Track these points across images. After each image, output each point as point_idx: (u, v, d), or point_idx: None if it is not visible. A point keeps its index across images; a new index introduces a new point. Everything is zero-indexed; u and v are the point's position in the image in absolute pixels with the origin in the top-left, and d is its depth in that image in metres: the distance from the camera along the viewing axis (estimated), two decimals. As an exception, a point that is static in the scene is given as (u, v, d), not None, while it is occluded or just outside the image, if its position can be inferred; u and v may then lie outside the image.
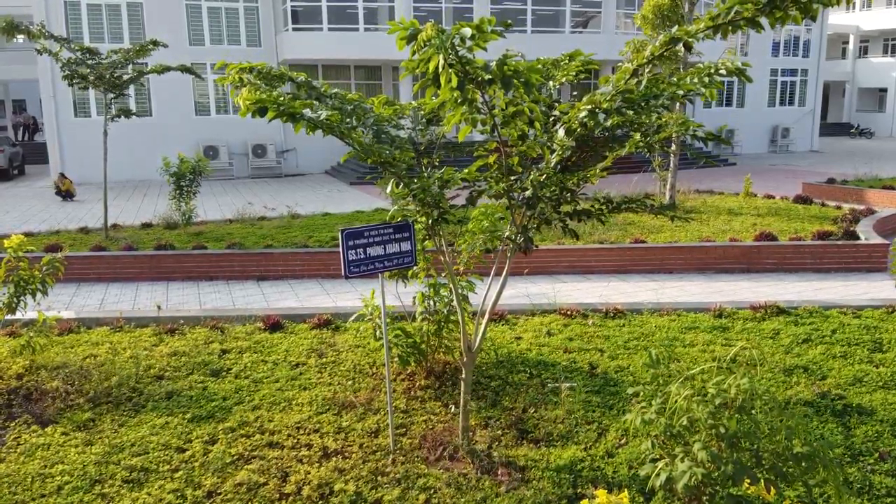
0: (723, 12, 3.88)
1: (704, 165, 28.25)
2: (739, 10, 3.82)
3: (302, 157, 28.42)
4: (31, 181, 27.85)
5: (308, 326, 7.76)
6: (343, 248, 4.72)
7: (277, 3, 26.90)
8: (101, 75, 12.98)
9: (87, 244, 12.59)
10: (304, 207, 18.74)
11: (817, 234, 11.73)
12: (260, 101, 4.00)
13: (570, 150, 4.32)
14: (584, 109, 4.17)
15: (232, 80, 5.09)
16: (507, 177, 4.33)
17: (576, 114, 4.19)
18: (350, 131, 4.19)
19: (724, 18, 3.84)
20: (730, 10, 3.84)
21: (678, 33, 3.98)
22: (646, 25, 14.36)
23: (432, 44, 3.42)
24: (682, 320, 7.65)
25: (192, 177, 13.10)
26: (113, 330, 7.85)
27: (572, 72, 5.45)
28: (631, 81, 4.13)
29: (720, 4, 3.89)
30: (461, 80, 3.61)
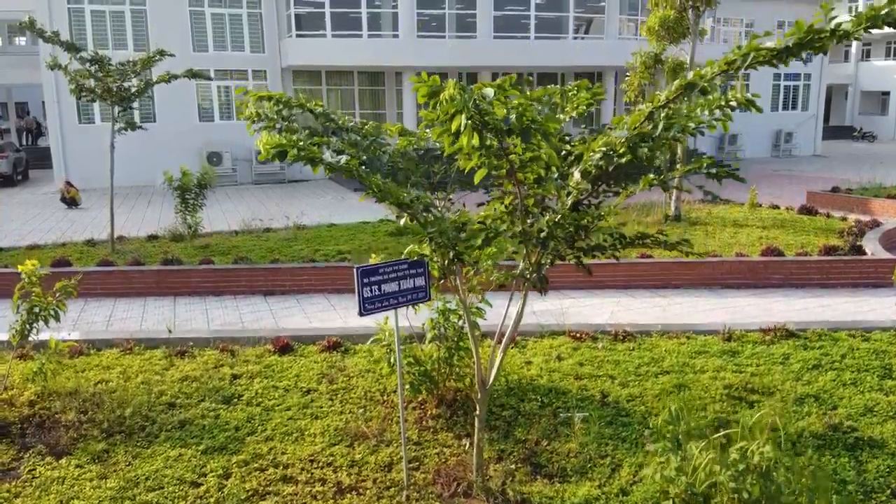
0: (739, 58, 3.89)
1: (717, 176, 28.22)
2: (756, 56, 3.84)
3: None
4: (36, 187, 27.88)
5: (317, 349, 7.77)
6: (358, 285, 4.73)
7: (281, 9, 26.90)
8: (109, 88, 12.99)
9: (93, 258, 12.61)
10: (309, 217, 18.74)
11: (823, 248, 11.74)
12: (280, 146, 4.02)
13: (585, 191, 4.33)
14: (599, 151, 4.19)
15: (250, 114, 5.10)
16: (524, 218, 4.34)
17: (590, 156, 4.20)
18: (367, 176, 4.19)
19: (741, 63, 3.85)
20: (746, 57, 3.85)
21: (693, 78, 4.00)
22: (651, 37, 14.37)
23: (454, 104, 3.42)
24: (692, 344, 7.66)
25: (197, 190, 13.10)
26: (123, 352, 7.87)
27: (583, 104, 5.45)
28: (646, 125, 4.14)
29: (736, 51, 3.90)
30: (481, 132, 3.61)
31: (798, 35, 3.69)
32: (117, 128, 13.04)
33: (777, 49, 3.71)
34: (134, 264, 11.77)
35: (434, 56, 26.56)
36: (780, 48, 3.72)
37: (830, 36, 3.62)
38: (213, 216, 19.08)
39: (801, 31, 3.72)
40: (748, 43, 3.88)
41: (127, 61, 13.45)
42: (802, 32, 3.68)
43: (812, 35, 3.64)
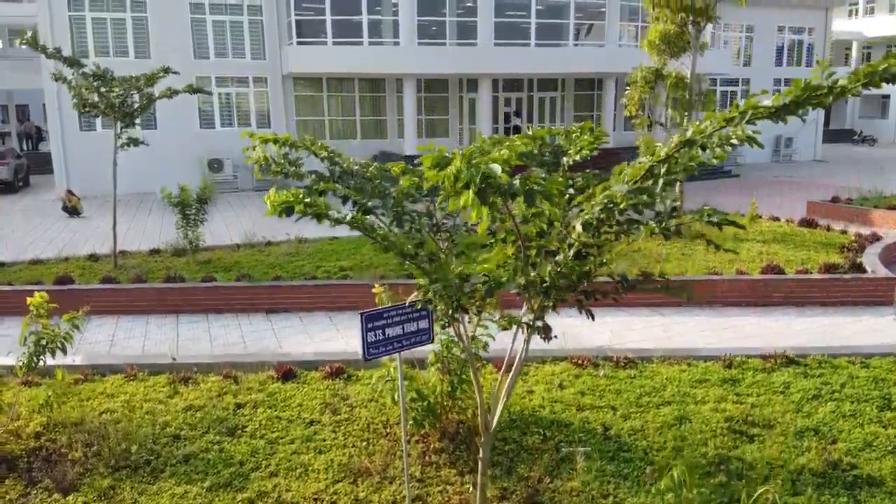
0: (737, 115, 3.94)
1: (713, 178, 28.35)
2: (754, 113, 3.88)
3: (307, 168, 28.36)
4: (37, 193, 27.92)
5: (320, 375, 7.82)
6: (362, 330, 4.78)
7: (282, 17, 26.93)
8: (112, 104, 13.02)
9: (96, 273, 12.66)
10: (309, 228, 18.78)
11: (824, 266, 11.78)
12: (286, 203, 4.06)
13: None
14: (600, 204, 4.23)
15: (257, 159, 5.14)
16: (527, 269, 4.39)
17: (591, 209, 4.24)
18: (373, 230, 4.23)
19: (739, 121, 3.90)
20: (744, 115, 3.90)
21: (693, 135, 4.03)
22: (652, 51, 14.41)
23: (461, 178, 3.46)
24: (693, 371, 7.71)
25: (197, 205, 13.14)
26: (127, 378, 7.92)
27: (586, 149, 5.49)
28: (647, 182, 4.18)
29: (735, 110, 3.94)
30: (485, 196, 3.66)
31: (796, 93, 3.73)
32: (120, 143, 13.06)
33: (775, 107, 3.75)
34: (136, 281, 11.81)
35: (435, 63, 26.62)
36: (777, 106, 3.76)
37: (828, 93, 3.66)
38: (215, 226, 19.13)
39: (798, 89, 3.75)
40: (747, 100, 3.93)
41: (130, 76, 13.48)
42: (800, 91, 3.72)
43: (809, 93, 3.68)
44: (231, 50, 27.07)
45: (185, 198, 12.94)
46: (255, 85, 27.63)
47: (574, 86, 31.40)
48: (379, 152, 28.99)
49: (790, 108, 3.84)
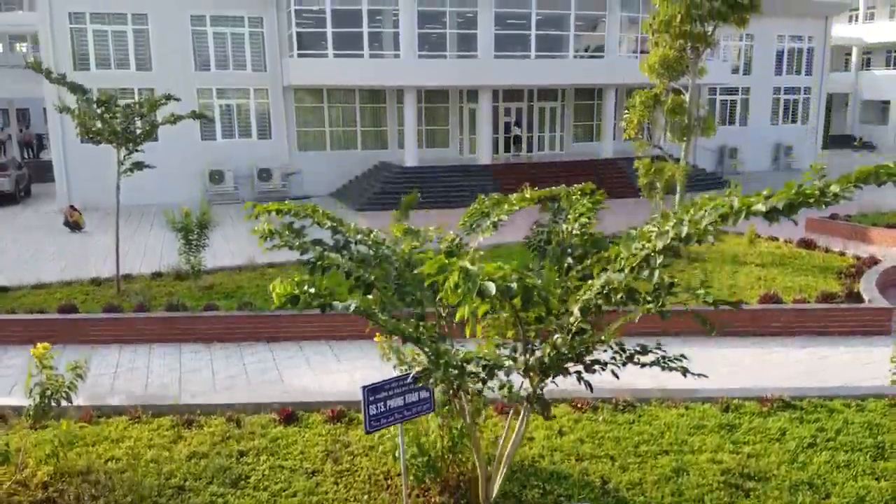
0: (731, 216, 4.02)
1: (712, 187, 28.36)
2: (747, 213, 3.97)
3: (307, 179, 28.57)
4: (38, 204, 28.02)
5: (322, 419, 7.91)
6: (364, 403, 4.87)
7: (283, 29, 27.00)
8: (115, 130, 13.10)
9: (99, 300, 12.75)
10: (311, 244, 18.90)
11: (821, 296, 11.88)
12: (291, 295, 4.16)
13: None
14: (597, 289, 4.32)
15: (262, 231, 5.23)
16: (526, 352, 4.48)
17: (589, 295, 4.33)
18: (376, 316, 4.33)
19: (733, 221, 3.99)
20: (738, 214, 3.98)
21: (689, 228, 4.12)
22: (651, 74, 14.48)
23: (458, 292, 3.55)
24: (690, 415, 7.80)
25: (199, 230, 13.23)
26: (131, 420, 8.01)
27: (586, 215, 5.58)
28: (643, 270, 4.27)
29: (729, 208, 4.02)
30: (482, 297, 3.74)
31: (787, 197, 3.81)
32: (123, 170, 13.14)
33: (767, 209, 3.84)
34: (139, 309, 11.91)
35: (435, 75, 26.71)
36: (769, 208, 3.84)
37: (819, 197, 3.74)
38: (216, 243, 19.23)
39: (789, 191, 3.84)
40: (740, 200, 4.01)
41: (133, 102, 13.55)
42: (792, 194, 3.80)
43: (801, 198, 3.77)
44: (232, 62, 27.16)
45: (188, 223, 13.03)
46: (256, 96, 27.72)
47: (574, 95, 31.47)
48: (379, 162, 29.10)
49: (781, 212, 3.92)
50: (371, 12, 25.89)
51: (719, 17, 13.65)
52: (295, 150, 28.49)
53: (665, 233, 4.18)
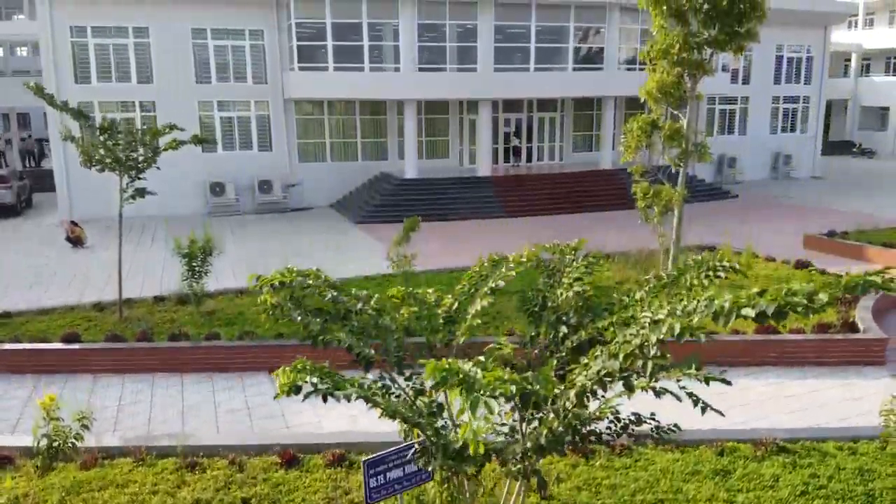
0: (723, 316, 4.13)
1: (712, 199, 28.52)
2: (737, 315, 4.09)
3: (308, 190, 28.70)
4: (39, 216, 28.14)
5: (323, 462, 8.04)
6: (365, 476, 5.00)
7: (283, 41, 27.12)
8: (118, 158, 13.20)
9: (102, 327, 12.87)
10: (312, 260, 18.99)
11: (817, 325, 11.99)
12: (294, 386, 4.29)
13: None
14: (593, 374, 4.44)
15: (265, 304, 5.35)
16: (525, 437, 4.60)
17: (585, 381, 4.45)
18: (376, 402, 4.46)
19: (725, 321, 4.10)
20: (729, 316, 4.09)
21: (683, 324, 4.24)
22: (650, 98, 14.57)
23: (461, 406, 3.67)
24: (686, 460, 7.93)
25: (202, 256, 13.35)
26: (136, 462, 8.14)
27: (583, 278, 5.69)
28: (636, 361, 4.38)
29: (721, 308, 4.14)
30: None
31: (779, 303, 3.92)
32: (126, 197, 13.25)
33: (757, 313, 3.95)
34: (142, 338, 12.03)
35: (435, 88, 26.84)
36: (758, 311, 3.96)
37: (806, 309, 3.86)
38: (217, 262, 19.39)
39: (778, 296, 3.96)
40: (732, 299, 4.12)
41: (136, 129, 13.65)
42: (782, 302, 3.92)
43: (789, 306, 3.88)
44: (233, 74, 27.28)
45: (193, 250, 13.16)
46: (257, 108, 27.84)
47: (574, 106, 31.58)
48: (380, 173, 29.24)
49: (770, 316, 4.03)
50: (371, 25, 26.01)
51: (717, 46, 13.74)
52: (295, 162, 28.62)
53: (658, 327, 4.29)
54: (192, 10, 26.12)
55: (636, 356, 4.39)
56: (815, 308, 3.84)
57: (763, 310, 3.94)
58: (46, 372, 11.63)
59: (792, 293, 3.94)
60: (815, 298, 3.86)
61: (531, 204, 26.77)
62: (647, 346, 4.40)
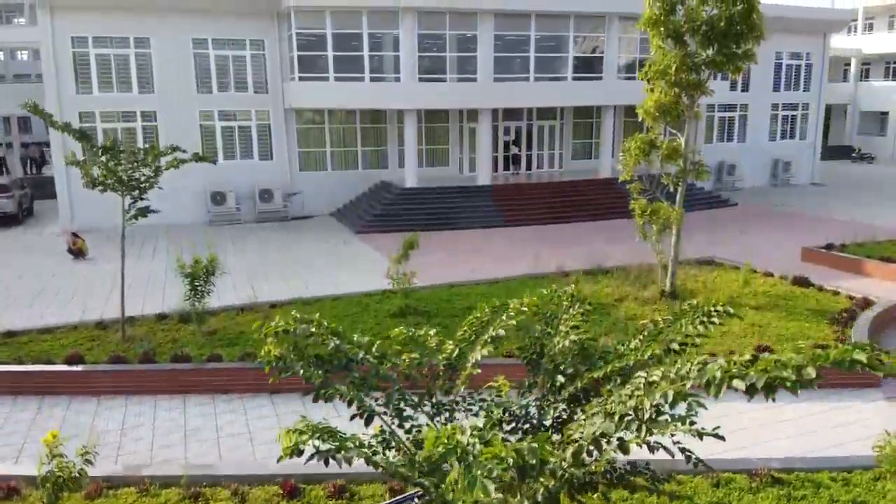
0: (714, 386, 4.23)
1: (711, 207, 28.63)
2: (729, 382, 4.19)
3: (308, 199, 28.81)
4: (41, 224, 28.25)
5: (324, 493, 8.17)
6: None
7: (284, 51, 27.22)
8: (120, 178, 13.31)
9: (105, 347, 12.96)
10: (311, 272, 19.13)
11: (813, 346, 12.09)
12: (298, 449, 4.40)
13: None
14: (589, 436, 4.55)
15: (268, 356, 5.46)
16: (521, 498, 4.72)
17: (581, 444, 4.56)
18: (377, 464, 4.57)
19: (716, 391, 4.21)
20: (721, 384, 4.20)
21: (676, 389, 4.34)
22: (648, 117, 14.69)
23: (459, 489, 3.75)
24: (682, 490, 8.05)
25: (205, 276, 13.47)
26: (140, 493, 8.26)
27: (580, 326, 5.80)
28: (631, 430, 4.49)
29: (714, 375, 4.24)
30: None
31: (768, 378, 4.03)
32: (128, 218, 13.36)
33: (747, 386, 4.06)
34: (144, 360, 12.14)
35: (435, 98, 26.95)
36: (749, 384, 4.07)
37: (795, 383, 3.96)
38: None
39: (768, 365, 4.06)
40: (724, 368, 4.23)
41: (138, 149, 13.74)
42: (772, 376, 4.02)
43: (778, 380, 3.99)
44: (234, 84, 27.38)
45: (196, 270, 13.28)
46: (258, 118, 27.94)
47: (573, 114, 31.68)
48: (380, 181, 29.34)
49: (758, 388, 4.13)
50: (371, 36, 26.11)
51: (714, 67, 13.87)
52: (296, 171, 28.73)
53: (652, 392, 4.40)
54: (193, 20, 26.23)
55: (631, 419, 4.50)
56: (803, 382, 3.95)
57: (753, 382, 4.05)
58: (50, 393, 11.75)
59: (782, 365, 4.06)
60: (804, 371, 3.98)
61: (530, 213, 26.88)
62: (641, 410, 4.51)
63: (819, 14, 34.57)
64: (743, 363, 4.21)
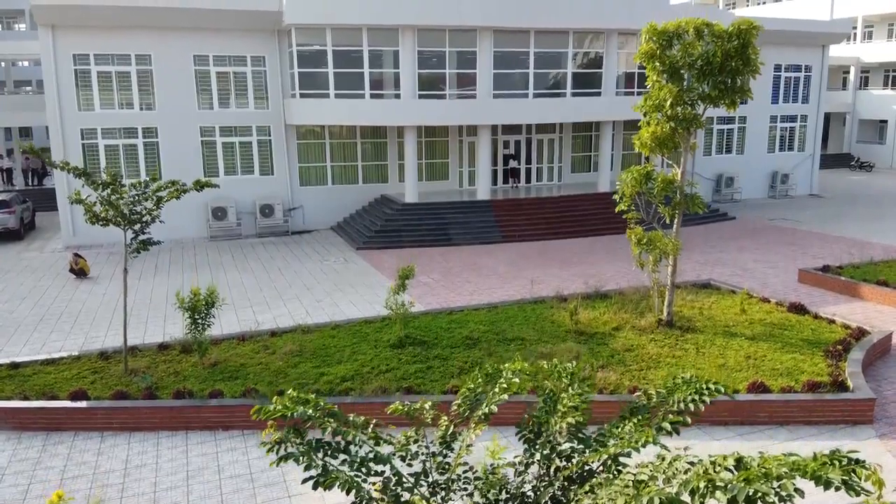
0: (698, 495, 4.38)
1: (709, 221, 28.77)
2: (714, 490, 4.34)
3: (309, 213, 28.98)
4: (42, 239, 28.44)
5: (325, 544, 8.33)
6: None
7: (285, 69, 27.36)
8: (123, 213, 13.46)
9: (108, 380, 13.10)
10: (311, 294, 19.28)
11: (807, 384, 12.25)
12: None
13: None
14: None
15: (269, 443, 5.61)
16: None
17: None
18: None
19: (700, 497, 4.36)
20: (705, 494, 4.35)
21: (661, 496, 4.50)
22: (644, 149, 14.83)
23: None
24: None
25: (206, 310, 13.62)
26: (143, 544, 8.43)
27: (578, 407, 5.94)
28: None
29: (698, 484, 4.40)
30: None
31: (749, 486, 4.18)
32: (131, 251, 13.52)
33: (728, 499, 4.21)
34: (147, 396, 12.30)
35: (435, 115, 27.10)
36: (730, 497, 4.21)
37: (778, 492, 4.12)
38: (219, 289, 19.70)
39: (751, 475, 4.22)
40: (708, 477, 4.38)
41: (139, 182, 13.88)
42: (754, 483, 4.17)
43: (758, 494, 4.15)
44: (234, 100, 27.53)
45: (197, 304, 13.44)
46: (259, 134, 28.09)
47: (572, 127, 31.82)
48: (380, 195, 29.51)
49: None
50: (371, 53, 26.25)
51: (710, 101, 14.01)
52: (296, 185, 28.89)
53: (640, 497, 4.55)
54: (194, 36, 26.39)
55: None
56: (783, 498, 4.10)
57: (735, 495, 4.21)
58: (55, 429, 11.93)
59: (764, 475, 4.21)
60: (783, 485, 4.13)
61: (529, 228, 27.04)
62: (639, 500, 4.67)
63: (818, 27, 34.70)
64: (726, 468, 4.37)
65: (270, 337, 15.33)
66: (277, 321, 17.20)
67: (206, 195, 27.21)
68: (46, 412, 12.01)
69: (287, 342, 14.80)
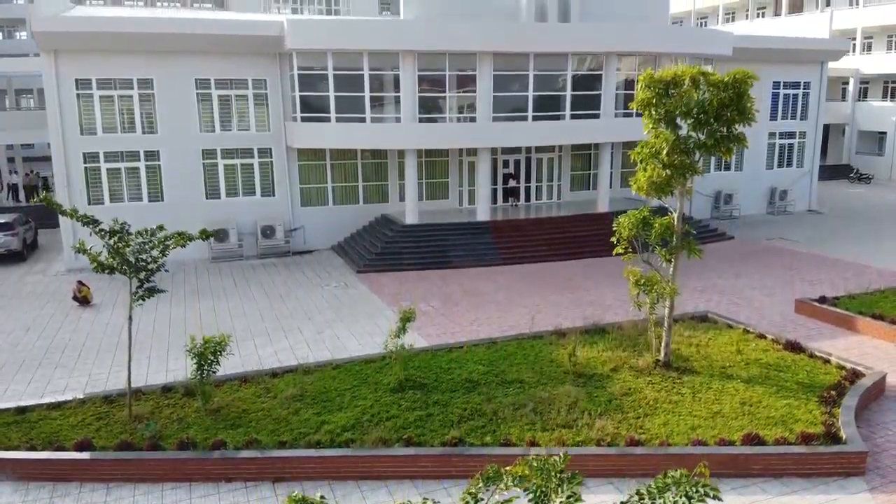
0: None
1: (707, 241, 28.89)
2: None
3: (310, 233, 29.17)
4: (45, 260, 28.63)
5: None
6: None
7: (286, 91, 27.53)
8: (128, 261, 13.63)
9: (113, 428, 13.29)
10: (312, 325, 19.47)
11: (801, 436, 12.43)
12: None
13: None
14: None
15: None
16: None
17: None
18: None
19: None
20: None
21: None
22: (641, 193, 14.99)
23: None
24: None
25: (213, 358, 13.80)
26: None
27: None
28: None
29: None
30: None
31: None
32: (136, 298, 13.70)
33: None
34: (151, 447, 12.50)
35: (435, 138, 27.29)
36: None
37: None
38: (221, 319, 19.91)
39: None
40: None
41: (145, 230, 14.01)
42: None
43: None
44: (236, 123, 27.71)
45: (206, 351, 13.64)
46: (260, 156, 28.26)
47: (571, 146, 31.97)
48: (381, 215, 29.69)
49: None
50: (372, 77, 26.40)
51: (705, 150, 14.18)
52: (297, 206, 29.08)
53: None
54: (196, 60, 26.56)
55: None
56: None
57: None
58: (62, 480, 12.14)
59: None
60: None
61: (528, 250, 27.22)
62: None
63: (817, 44, 34.80)
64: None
65: (272, 378, 15.51)
66: (279, 356, 17.41)
67: (208, 218, 27.48)
68: (53, 464, 12.21)
69: (289, 384, 15.00)
